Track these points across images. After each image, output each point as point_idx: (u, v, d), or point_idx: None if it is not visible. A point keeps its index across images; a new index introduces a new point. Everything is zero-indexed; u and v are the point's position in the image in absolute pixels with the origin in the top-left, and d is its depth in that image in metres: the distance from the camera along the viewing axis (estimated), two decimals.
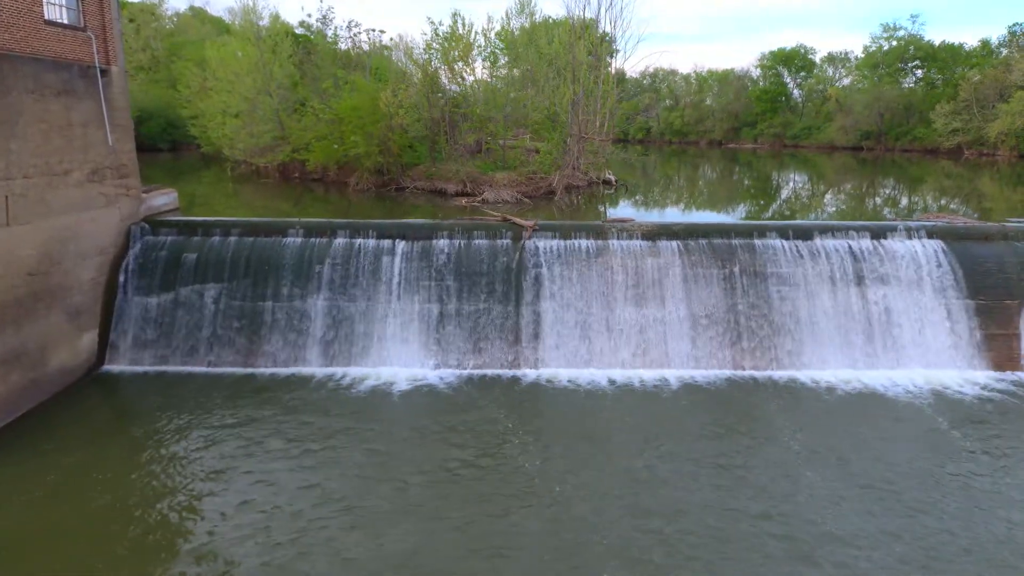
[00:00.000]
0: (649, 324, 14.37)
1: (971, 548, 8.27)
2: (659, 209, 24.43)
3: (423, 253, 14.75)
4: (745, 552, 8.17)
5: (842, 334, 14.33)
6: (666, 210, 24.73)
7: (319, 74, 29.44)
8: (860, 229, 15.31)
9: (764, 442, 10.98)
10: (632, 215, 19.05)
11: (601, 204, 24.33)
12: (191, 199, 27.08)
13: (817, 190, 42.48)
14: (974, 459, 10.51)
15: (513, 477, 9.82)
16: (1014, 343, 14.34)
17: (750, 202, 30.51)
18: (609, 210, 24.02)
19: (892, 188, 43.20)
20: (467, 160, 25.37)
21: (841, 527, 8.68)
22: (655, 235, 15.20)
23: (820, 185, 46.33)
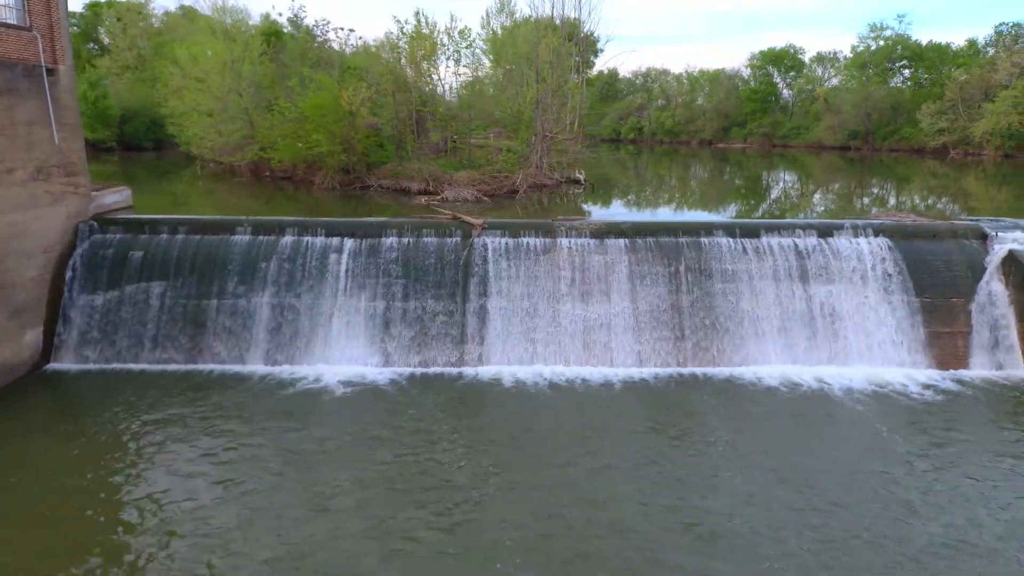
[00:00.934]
0: (594, 322, 14.40)
1: (878, 543, 8.29)
2: (628, 208, 24.50)
3: (371, 251, 14.77)
4: (649, 543, 8.21)
5: (785, 331, 14.38)
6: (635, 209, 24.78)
7: (287, 72, 29.49)
8: (806, 227, 15.35)
9: (694, 439, 11.01)
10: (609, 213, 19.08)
11: (566, 202, 24.36)
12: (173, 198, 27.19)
13: (805, 190, 42.59)
14: (903, 456, 10.54)
15: (436, 475, 9.84)
16: (959, 341, 14.38)
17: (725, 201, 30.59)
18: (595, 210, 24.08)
19: (878, 188, 43.33)
20: (433, 159, 25.40)
21: (749, 520, 8.71)
22: (603, 233, 15.23)
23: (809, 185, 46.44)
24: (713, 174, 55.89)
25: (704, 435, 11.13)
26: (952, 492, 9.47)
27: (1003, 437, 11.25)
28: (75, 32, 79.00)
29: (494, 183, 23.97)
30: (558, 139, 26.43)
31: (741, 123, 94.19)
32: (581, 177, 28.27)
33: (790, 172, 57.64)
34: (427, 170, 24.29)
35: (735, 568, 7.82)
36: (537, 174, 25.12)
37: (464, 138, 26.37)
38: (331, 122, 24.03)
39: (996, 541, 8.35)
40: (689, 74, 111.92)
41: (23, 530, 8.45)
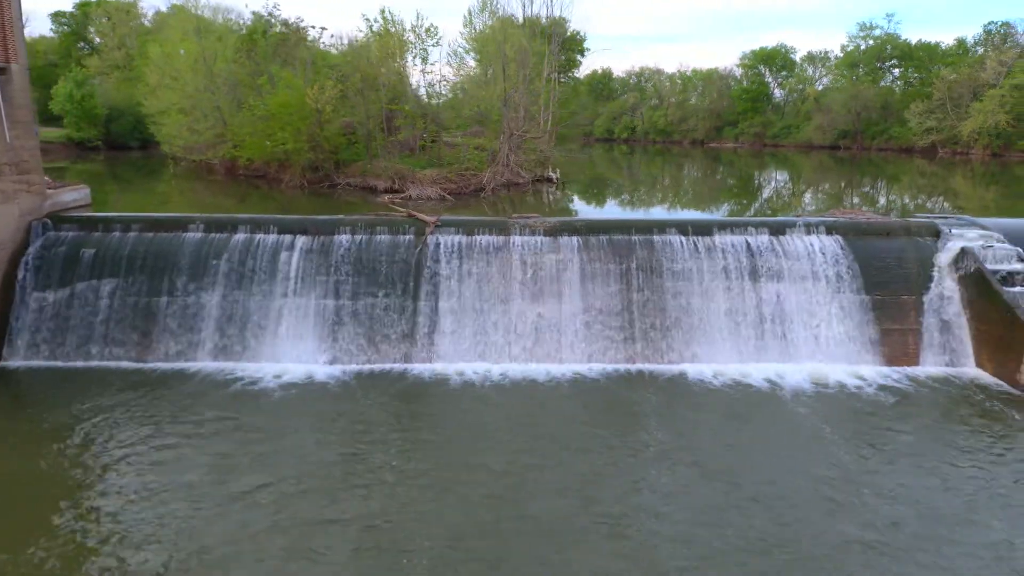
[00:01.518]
0: (545, 319, 14.41)
1: (794, 540, 8.30)
2: (597, 205, 24.51)
3: (323, 249, 14.78)
4: (562, 542, 8.20)
5: (734, 329, 14.39)
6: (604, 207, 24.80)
7: (260, 70, 29.51)
8: (759, 225, 15.37)
9: (630, 438, 10.99)
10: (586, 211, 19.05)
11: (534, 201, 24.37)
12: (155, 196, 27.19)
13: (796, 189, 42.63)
14: (838, 454, 10.53)
15: (364, 472, 9.83)
16: (909, 338, 14.40)
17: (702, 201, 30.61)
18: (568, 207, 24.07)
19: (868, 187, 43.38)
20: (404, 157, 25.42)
21: (667, 519, 8.72)
22: (557, 232, 15.24)
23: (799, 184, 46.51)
24: (698, 173, 55.94)
25: (642, 433, 11.13)
26: (879, 491, 9.45)
27: (944, 436, 11.23)
28: (65, 31, 79.26)
29: (461, 181, 23.99)
30: (526, 137, 26.43)
31: (733, 123, 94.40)
32: (554, 176, 28.30)
33: (779, 171, 57.68)
34: (393, 168, 24.32)
35: (641, 567, 7.81)
36: (505, 172, 25.13)
37: (434, 136, 26.39)
38: (296, 120, 24.06)
39: (912, 540, 8.33)
40: (682, 74, 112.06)
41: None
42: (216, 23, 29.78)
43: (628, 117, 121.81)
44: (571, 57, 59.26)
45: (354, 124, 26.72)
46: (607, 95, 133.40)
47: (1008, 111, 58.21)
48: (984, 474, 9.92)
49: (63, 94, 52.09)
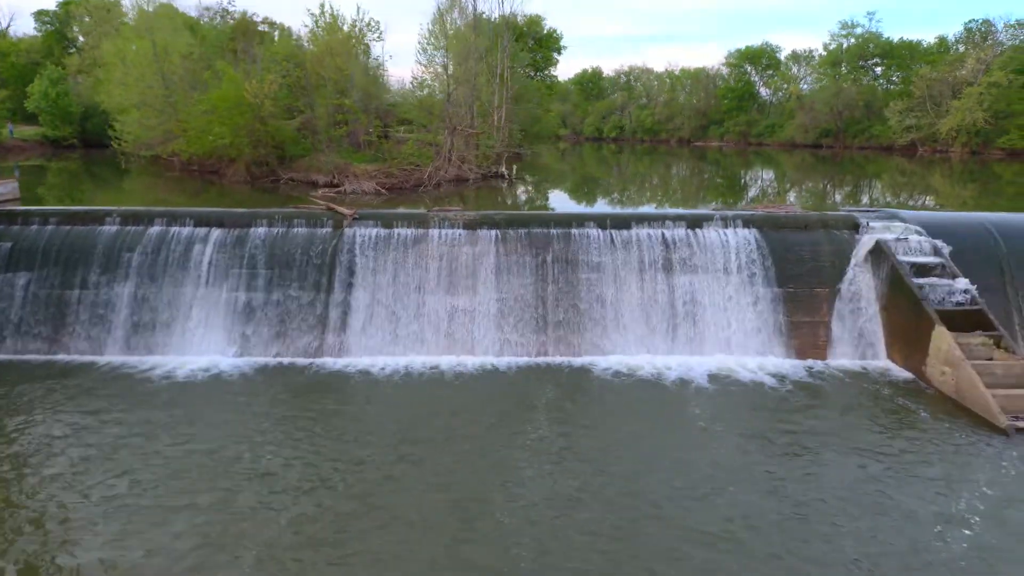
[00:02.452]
0: (459, 312, 14.43)
1: (640, 534, 8.29)
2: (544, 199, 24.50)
3: (237, 241, 14.78)
4: (408, 538, 8.18)
5: (646, 321, 14.42)
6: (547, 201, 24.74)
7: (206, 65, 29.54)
8: (676, 218, 15.37)
9: (518, 428, 10.97)
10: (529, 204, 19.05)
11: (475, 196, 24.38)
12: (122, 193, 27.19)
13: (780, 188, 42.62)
14: (728, 444, 10.52)
15: (249, 463, 9.79)
16: (820, 331, 14.42)
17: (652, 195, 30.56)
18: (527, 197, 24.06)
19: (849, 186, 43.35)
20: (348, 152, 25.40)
21: (524, 506, 8.73)
22: (476, 224, 15.25)
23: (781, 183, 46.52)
24: (671, 169, 55.86)
25: (536, 426, 11.08)
26: (753, 483, 9.40)
27: (836, 427, 11.19)
28: (48, 30, 79.13)
29: (403, 176, 24.00)
30: (468, 132, 26.43)
31: (719, 121, 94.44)
32: (505, 171, 28.32)
33: (752, 170, 57.60)
34: (332, 163, 24.33)
35: (487, 554, 7.82)
36: (450, 167, 25.11)
37: (380, 131, 26.40)
38: (235, 115, 24.05)
39: (764, 534, 8.27)
40: (670, 73, 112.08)
41: None
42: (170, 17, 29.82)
43: (617, 116, 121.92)
44: (547, 55, 59.23)
45: (314, 118, 26.69)
46: (597, 94, 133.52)
47: (986, 109, 58.23)
48: (866, 466, 9.89)
49: (38, 92, 52.02)
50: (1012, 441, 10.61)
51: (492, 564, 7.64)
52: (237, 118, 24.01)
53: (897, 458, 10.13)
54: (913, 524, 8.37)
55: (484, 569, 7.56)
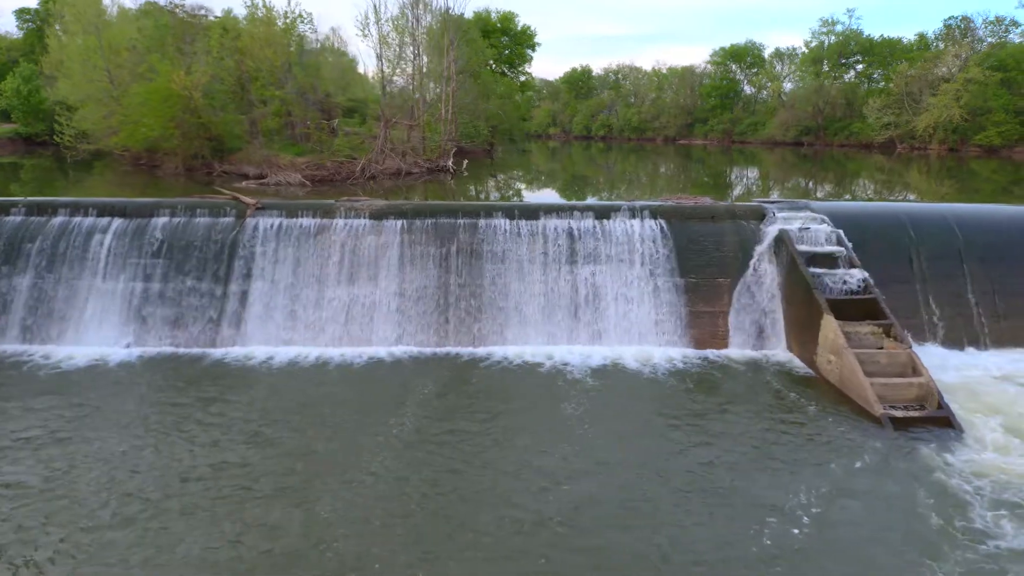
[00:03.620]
0: (358, 302, 14.35)
1: (465, 526, 8.20)
2: (477, 190, 24.38)
3: (138, 231, 14.70)
4: (224, 518, 8.11)
5: (548, 312, 14.34)
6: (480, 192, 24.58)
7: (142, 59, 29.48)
8: (585, 209, 15.30)
9: (388, 418, 10.86)
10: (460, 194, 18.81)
11: (406, 190, 24.29)
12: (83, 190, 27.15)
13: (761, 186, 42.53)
14: (596, 433, 10.41)
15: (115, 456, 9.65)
16: (720, 321, 14.35)
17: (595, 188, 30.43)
18: (464, 188, 23.92)
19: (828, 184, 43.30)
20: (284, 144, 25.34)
21: (357, 495, 8.64)
22: (383, 215, 15.17)
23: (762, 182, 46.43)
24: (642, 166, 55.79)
25: (409, 417, 10.92)
26: (605, 470, 9.28)
27: (716, 417, 11.04)
28: (30, 28, 78.94)
29: (335, 168, 23.92)
30: (403, 125, 26.35)
31: (704, 119, 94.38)
32: (451, 165, 28.23)
33: (723, 167, 57.52)
34: (261, 155, 24.28)
35: (301, 540, 7.74)
36: (384, 160, 25.02)
37: (318, 123, 26.35)
38: (164, 107, 23.97)
39: (585, 523, 8.17)
40: (657, 71, 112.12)
41: None
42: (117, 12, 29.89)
43: (605, 115, 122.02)
44: (520, 52, 59.15)
45: (262, 109, 26.66)
46: (586, 93, 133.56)
47: (962, 105, 58.17)
48: (731, 454, 9.76)
49: (10, 89, 51.98)
50: (884, 430, 10.52)
51: (301, 553, 7.54)
52: (166, 111, 23.94)
53: (763, 445, 10.04)
54: (753, 511, 8.24)
55: (292, 559, 7.47)
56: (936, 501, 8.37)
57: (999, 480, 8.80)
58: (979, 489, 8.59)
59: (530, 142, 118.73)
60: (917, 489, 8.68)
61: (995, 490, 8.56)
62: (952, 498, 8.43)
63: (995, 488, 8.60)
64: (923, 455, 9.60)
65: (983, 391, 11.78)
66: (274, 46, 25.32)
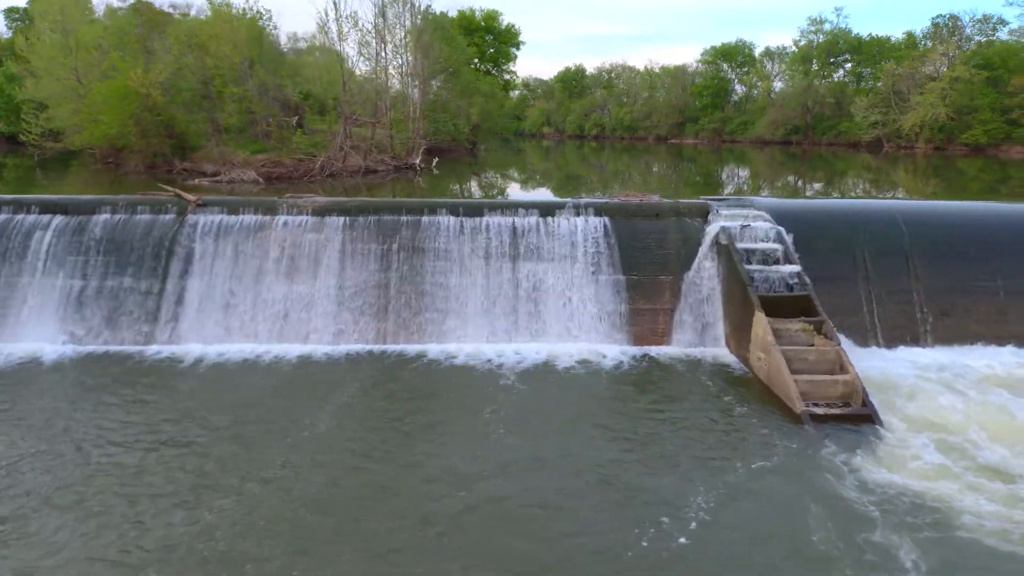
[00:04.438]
0: (297, 300, 14.27)
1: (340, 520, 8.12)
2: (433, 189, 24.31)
3: (78, 228, 14.63)
4: (136, 538, 8.03)
5: (488, 308, 14.27)
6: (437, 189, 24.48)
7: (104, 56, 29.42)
8: (530, 207, 15.23)
9: (309, 418, 10.74)
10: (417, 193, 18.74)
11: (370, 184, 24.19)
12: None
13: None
14: (511, 430, 10.32)
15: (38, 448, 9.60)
16: (661, 318, 14.28)
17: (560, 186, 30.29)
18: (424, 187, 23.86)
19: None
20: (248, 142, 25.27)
21: (247, 488, 8.57)
22: (326, 211, 15.10)
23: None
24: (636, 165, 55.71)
25: (333, 417, 10.82)
26: (513, 467, 9.16)
27: (638, 413, 10.99)
28: (19, 27, 78.91)
29: (293, 166, 23.84)
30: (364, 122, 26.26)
31: (695, 119, 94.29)
32: (418, 163, 28.14)
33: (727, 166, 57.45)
34: (217, 152, 24.23)
35: (188, 532, 7.67)
36: (345, 157, 24.92)
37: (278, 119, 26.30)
38: (122, 105, 23.90)
39: (483, 521, 8.11)
40: (649, 70, 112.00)
41: None
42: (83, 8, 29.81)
43: (598, 114, 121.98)
44: (504, 50, 59.06)
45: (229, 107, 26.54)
46: (580, 92, 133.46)
47: (948, 104, 58.09)
48: (643, 450, 9.72)
49: None
50: (803, 428, 10.45)
51: (173, 551, 7.47)
52: (124, 108, 23.86)
53: (680, 444, 9.93)
54: (649, 510, 8.13)
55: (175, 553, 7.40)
56: (833, 502, 8.21)
57: (905, 482, 8.59)
58: (883, 490, 8.42)
59: (524, 141, 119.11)
60: (818, 489, 8.54)
61: (898, 493, 8.34)
62: (851, 500, 8.26)
63: (897, 491, 8.38)
64: (833, 453, 9.51)
65: (916, 389, 11.67)
66: (232, 43, 25.22)
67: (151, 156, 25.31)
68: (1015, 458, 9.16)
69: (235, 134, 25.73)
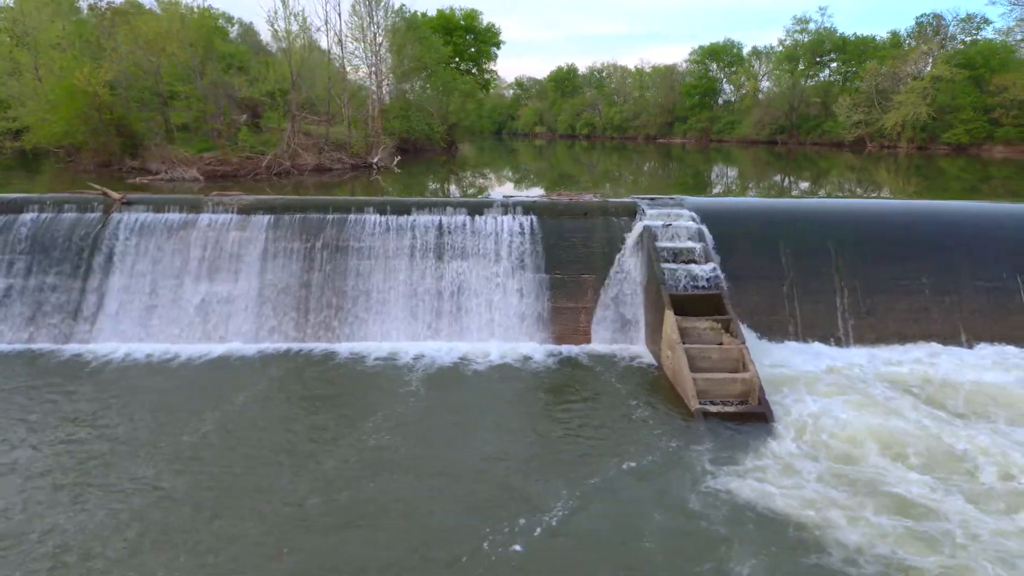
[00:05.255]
0: (217, 298, 14.24)
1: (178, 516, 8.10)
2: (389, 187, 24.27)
3: (5, 227, 14.63)
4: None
5: (410, 307, 14.25)
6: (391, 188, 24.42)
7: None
8: (458, 205, 15.20)
9: (198, 420, 10.70)
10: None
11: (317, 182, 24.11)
12: None
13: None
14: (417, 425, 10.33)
15: None
16: (582, 317, 14.25)
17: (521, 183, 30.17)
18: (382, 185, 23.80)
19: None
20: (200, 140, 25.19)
21: (115, 485, 8.55)
22: (251, 210, 15.08)
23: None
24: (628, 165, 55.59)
25: (229, 416, 10.79)
26: (391, 469, 9.13)
27: (539, 411, 11.01)
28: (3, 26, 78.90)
29: (239, 164, 23.77)
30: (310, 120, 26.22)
31: (684, 118, 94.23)
32: (375, 162, 28.09)
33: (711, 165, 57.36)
34: (164, 151, 24.18)
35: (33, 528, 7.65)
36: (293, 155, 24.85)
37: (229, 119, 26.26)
38: (72, 103, 23.86)
39: (335, 521, 8.12)
40: (639, 69, 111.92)
41: None
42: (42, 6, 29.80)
43: (589, 113, 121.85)
44: (484, 49, 58.99)
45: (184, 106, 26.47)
46: (572, 91, 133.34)
47: (929, 103, 58.02)
48: (529, 447, 9.72)
49: None
50: (695, 425, 10.43)
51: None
52: (72, 107, 23.83)
53: (569, 443, 9.94)
54: (514, 509, 8.10)
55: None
56: (686, 506, 8.09)
57: (767, 488, 8.38)
58: (743, 494, 8.23)
59: (517, 141, 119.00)
60: (676, 491, 8.38)
61: (757, 497, 8.17)
62: (707, 503, 8.12)
63: (757, 496, 8.20)
64: (712, 452, 9.48)
65: (820, 388, 11.61)
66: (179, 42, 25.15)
67: (107, 155, 25.28)
68: (891, 467, 8.91)
69: (190, 133, 25.67)
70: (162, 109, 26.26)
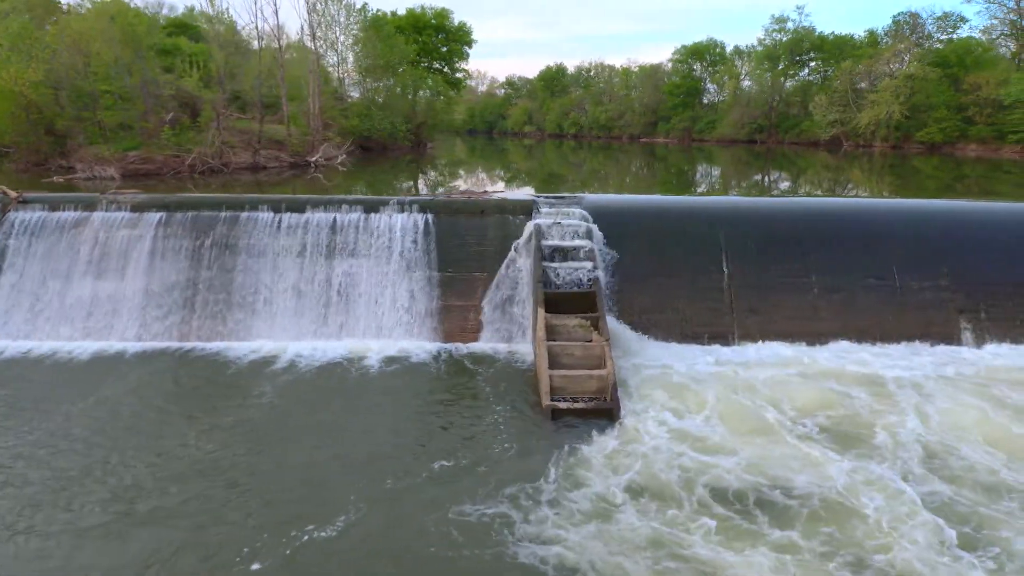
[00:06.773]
0: (103, 296, 14.19)
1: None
2: (327, 185, 24.15)
3: None
4: None
5: (298, 306, 14.18)
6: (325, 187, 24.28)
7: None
8: (354, 203, 15.14)
9: (50, 419, 10.68)
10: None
11: (242, 180, 24.02)
12: None
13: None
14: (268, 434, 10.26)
15: None
16: (471, 315, 14.20)
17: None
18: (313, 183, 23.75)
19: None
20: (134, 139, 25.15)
21: None
22: (145, 207, 15.02)
23: None
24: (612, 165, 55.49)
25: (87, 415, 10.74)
26: (211, 471, 9.05)
27: (405, 411, 10.93)
28: None
29: (164, 162, 23.70)
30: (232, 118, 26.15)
31: (667, 118, 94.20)
32: (315, 160, 28.00)
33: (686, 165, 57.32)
34: (87, 150, 24.13)
35: None
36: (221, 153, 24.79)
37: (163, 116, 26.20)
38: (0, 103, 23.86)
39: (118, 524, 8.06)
40: (625, 69, 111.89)
41: None
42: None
43: (576, 113, 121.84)
44: (455, 48, 58.92)
45: (116, 105, 26.31)
46: (560, 91, 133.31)
47: (903, 102, 57.96)
48: (369, 448, 9.66)
49: None
50: (544, 423, 10.38)
51: None
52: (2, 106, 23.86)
53: (407, 441, 9.87)
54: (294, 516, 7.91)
55: None
56: (496, 510, 8.00)
57: (610, 482, 8.40)
58: (564, 496, 8.23)
59: (507, 140, 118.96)
60: (488, 495, 8.32)
61: (593, 496, 8.18)
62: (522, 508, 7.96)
63: (594, 495, 8.21)
64: (546, 451, 9.41)
65: (688, 387, 11.50)
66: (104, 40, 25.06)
67: (39, 154, 25.24)
68: (726, 474, 8.80)
69: (124, 131, 25.64)
70: (93, 108, 26.20)
